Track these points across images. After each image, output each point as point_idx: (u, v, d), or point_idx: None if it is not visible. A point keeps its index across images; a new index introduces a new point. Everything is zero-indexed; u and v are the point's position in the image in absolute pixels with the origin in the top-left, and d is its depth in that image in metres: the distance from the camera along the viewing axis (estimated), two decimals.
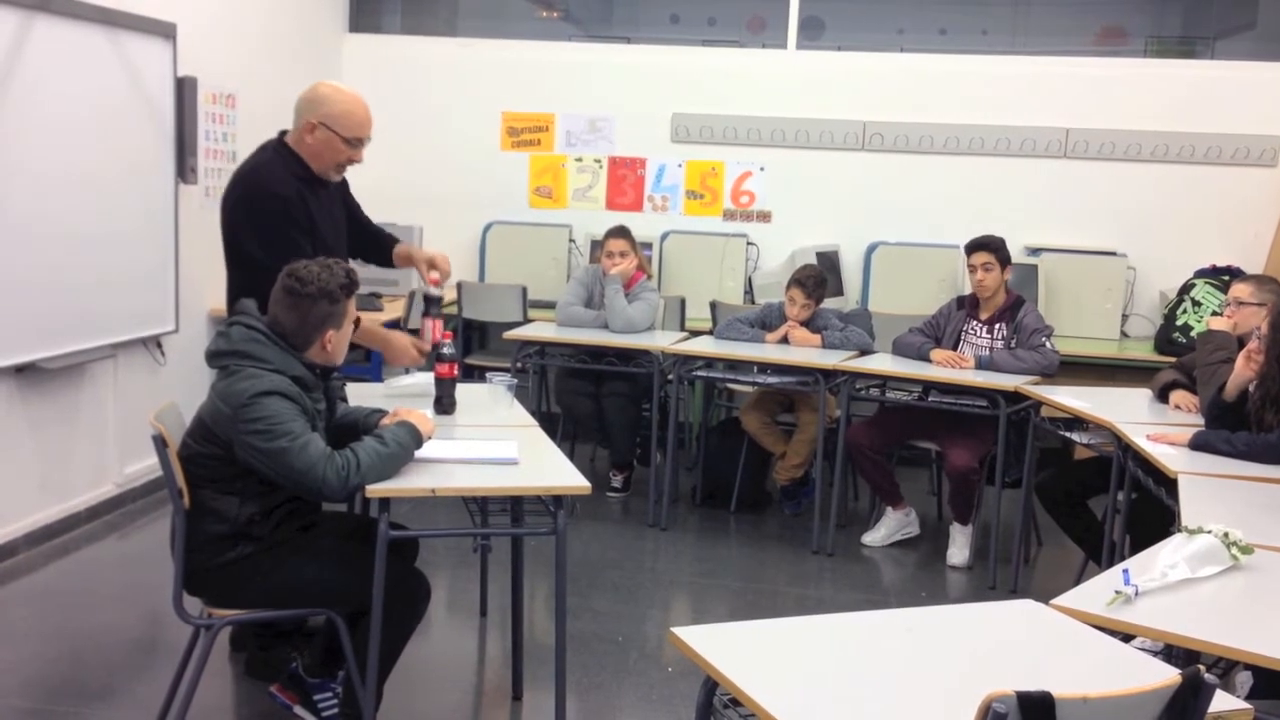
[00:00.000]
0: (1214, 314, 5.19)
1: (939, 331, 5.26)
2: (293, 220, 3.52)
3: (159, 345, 5.51)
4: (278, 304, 3.01)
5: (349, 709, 3.14)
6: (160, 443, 2.94)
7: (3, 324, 4.42)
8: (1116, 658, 2.05)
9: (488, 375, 4.03)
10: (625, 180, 7.16)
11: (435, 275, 3.88)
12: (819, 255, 6.57)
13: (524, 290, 6.46)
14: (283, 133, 3.67)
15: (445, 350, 3.68)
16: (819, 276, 5.58)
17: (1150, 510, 3.79)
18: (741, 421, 5.67)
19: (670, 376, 5.49)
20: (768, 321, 5.63)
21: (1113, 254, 6.53)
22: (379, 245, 4.03)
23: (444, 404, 3.66)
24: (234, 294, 3.50)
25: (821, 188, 6.94)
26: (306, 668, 3.28)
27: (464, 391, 3.90)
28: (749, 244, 6.89)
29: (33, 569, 4.55)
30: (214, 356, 2.99)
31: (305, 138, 3.58)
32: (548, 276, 6.85)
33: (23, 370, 4.59)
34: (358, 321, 3.25)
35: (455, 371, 3.71)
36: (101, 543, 4.93)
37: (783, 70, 6.97)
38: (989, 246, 5.09)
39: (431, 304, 3.80)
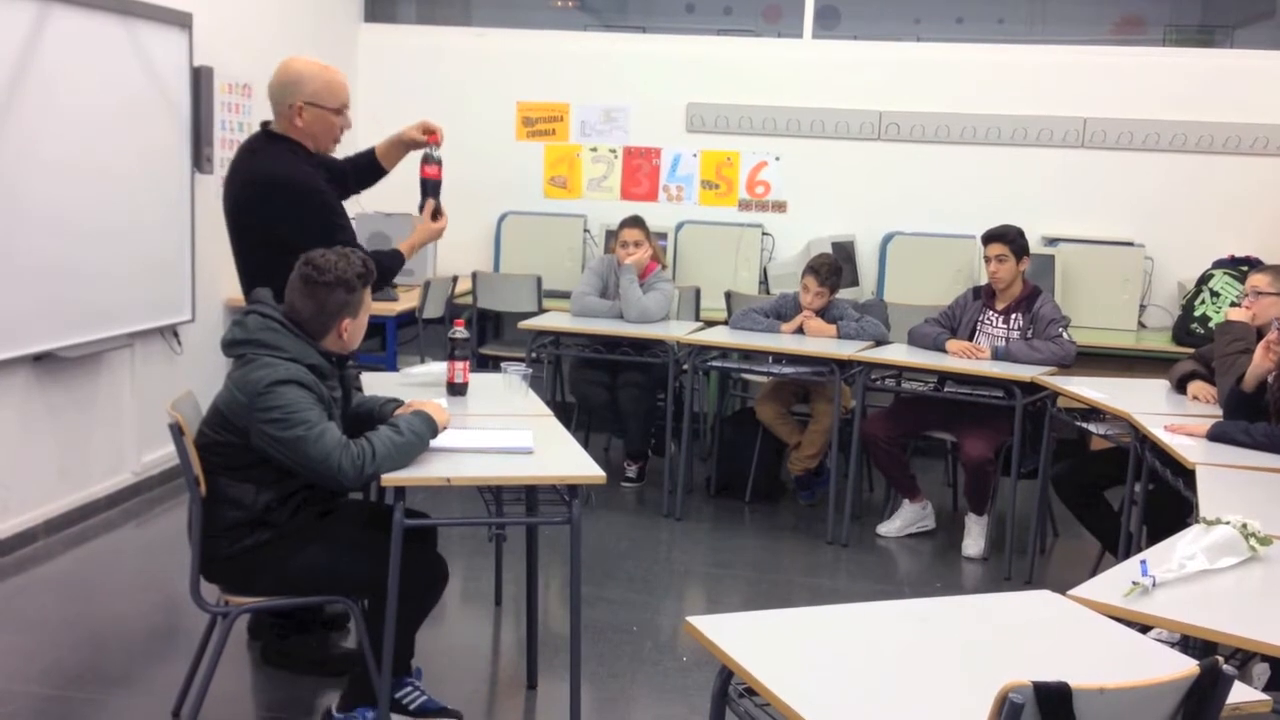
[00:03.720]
0: (1232, 304, 5.16)
1: (955, 322, 5.24)
2: (332, 209, 3.52)
3: (175, 335, 5.53)
4: (295, 291, 3.02)
5: (350, 693, 3.16)
6: (177, 431, 2.95)
7: (21, 313, 4.44)
8: (1133, 648, 2.04)
9: (502, 365, 4.03)
10: (640, 170, 7.15)
11: (435, 135, 3.84)
12: (834, 245, 6.55)
13: (539, 280, 6.47)
14: (265, 123, 3.60)
15: (434, 153, 3.75)
16: (833, 264, 5.57)
17: (1167, 501, 3.78)
18: (756, 412, 5.66)
19: (685, 367, 5.49)
20: (782, 312, 5.62)
21: (1130, 244, 6.50)
22: (364, 166, 3.93)
23: (434, 212, 3.74)
24: (257, 278, 3.38)
25: (837, 178, 6.92)
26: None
27: (478, 381, 3.91)
28: (764, 234, 6.88)
29: (51, 556, 4.58)
30: (230, 345, 3.00)
31: (295, 121, 3.52)
32: (562, 266, 6.85)
33: (41, 359, 4.62)
34: (396, 267, 3.29)
35: (440, 174, 3.80)
36: (119, 530, 4.96)
37: (798, 59, 6.95)
38: (1004, 238, 5.07)
39: (457, 346, 3.79)
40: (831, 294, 5.53)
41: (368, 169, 3.93)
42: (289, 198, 3.47)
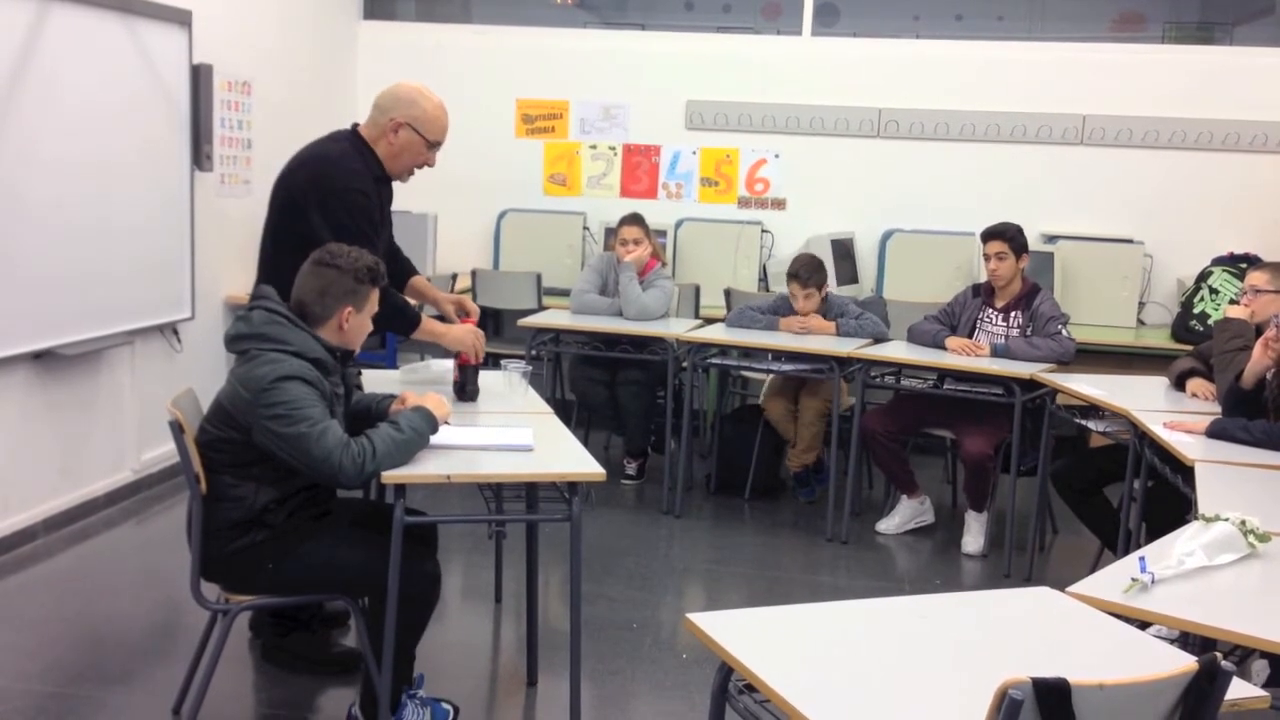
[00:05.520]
0: (1231, 302, 5.17)
1: (954, 319, 5.25)
2: (370, 217, 3.52)
3: (175, 332, 5.53)
4: (303, 275, 3.04)
5: (366, 696, 3.15)
6: (177, 429, 2.95)
7: (21, 311, 4.44)
8: (1132, 645, 2.04)
9: (502, 362, 4.03)
10: (640, 167, 7.15)
11: (471, 317, 3.85)
12: (834, 243, 6.55)
13: (538, 277, 6.47)
14: (356, 129, 3.65)
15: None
16: (811, 263, 5.50)
17: (1166, 498, 3.78)
18: (765, 408, 5.65)
19: (685, 364, 5.49)
20: (780, 312, 5.59)
21: (1129, 241, 6.50)
22: (397, 267, 3.91)
23: (467, 391, 3.68)
24: (277, 273, 3.37)
25: (836, 175, 6.92)
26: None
27: (480, 378, 3.91)
28: (763, 231, 6.87)
29: (51, 554, 4.58)
30: (234, 340, 3.00)
31: (388, 136, 3.58)
32: (562, 264, 6.85)
33: (41, 357, 4.62)
34: (415, 323, 3.25)
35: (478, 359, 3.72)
36: (119, 528, 4.96)
37: (798, 57, 6.95)
38: (1003, 235, 5.07)
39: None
40: (820, 290, 5.49)
41: (399, 274, 3.90)
42: (330, 184, 3.47)
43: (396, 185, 3.90)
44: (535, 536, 3.78)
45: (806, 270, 5.46)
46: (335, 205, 3.45)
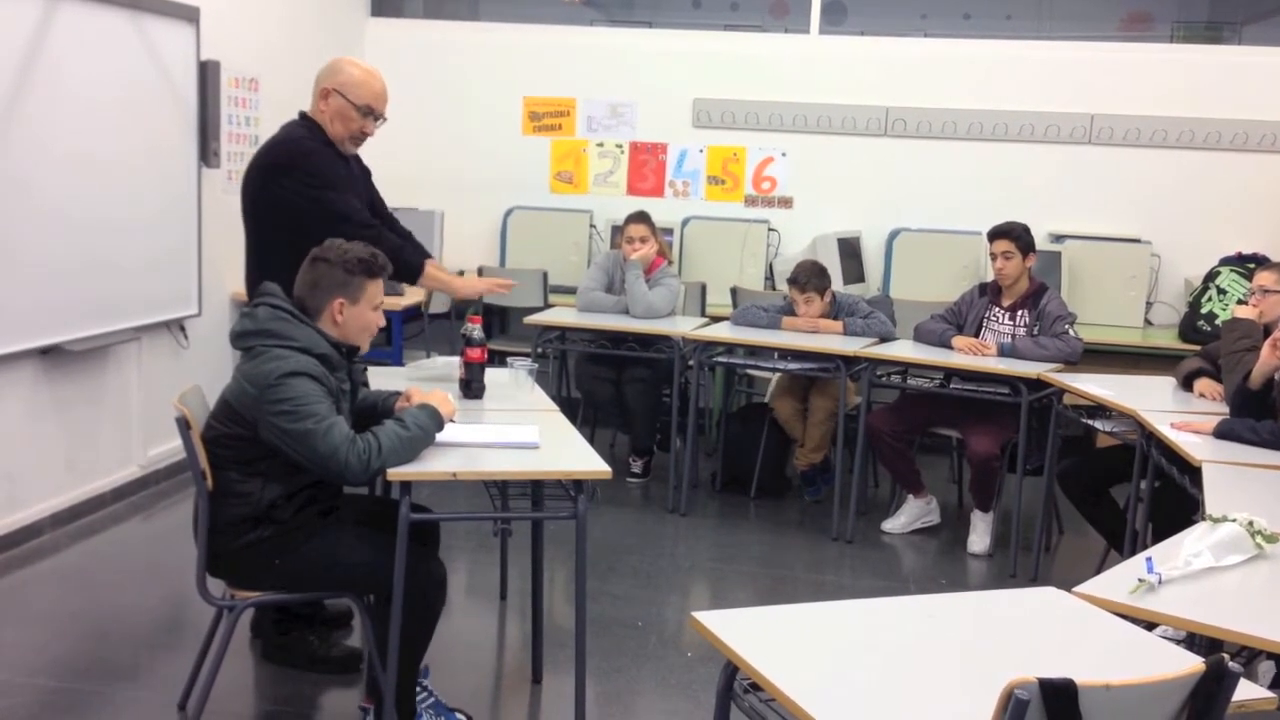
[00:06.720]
0: (1239, 302, 5.15)
1: (961, 318, 5.24)
2: (333, 166, 3.59)
3: (182, 328, 5.54)
4: (301, 272, 3.07)
5: (370, 694, 3.15)
6: (184, 425, 2.95)
7: (27, 306, 4.45)
8: (1139, 645, 2.04)
9: (508, 360, 4.03)
10: (646, 165, 7.15)
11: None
12: (840, 241, 6.55)
13: (545, 275, 6.47)
14: (302, 113, 3.73)
15: (475, 334, 3.69)
16: (810, 269, 5.47)
17: (1173, 499, 3.77)
18: (774, 407, 5.64)
19: (691, 362, 5.49)
20: (787, 314, 5.57)
21: (1137, 241, 6.49)
22: (407, 263, 3.77)
23: (473, 388, 3.68)
24: (260, 265, 3.52)
25: (843, 174, 6.92)
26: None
27: (485, 375, 3.91)
28: (770, 230, 6.87)
29: (58, 549, 4.59)
30: (240, 337, 3.00)
31: (320, 104, 3.65)
32: (569, 262, 6.85)
33: (48, 352, 4.63)
34: (418, 271, 3.37)
35: (484, 356, 3.72)
36: (126, 524, 4.97)
37: (805, 55, 6.94)
38: (1009, 234, 5.06)
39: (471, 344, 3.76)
40: (822, 295, 5.45)
41: (404, 269, 3.77)
42: (285, 160, 3.56)
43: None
44: (540, 534, 3.78)
45: (805, 275, 5.44)
46: (299, 171, 3.54)
